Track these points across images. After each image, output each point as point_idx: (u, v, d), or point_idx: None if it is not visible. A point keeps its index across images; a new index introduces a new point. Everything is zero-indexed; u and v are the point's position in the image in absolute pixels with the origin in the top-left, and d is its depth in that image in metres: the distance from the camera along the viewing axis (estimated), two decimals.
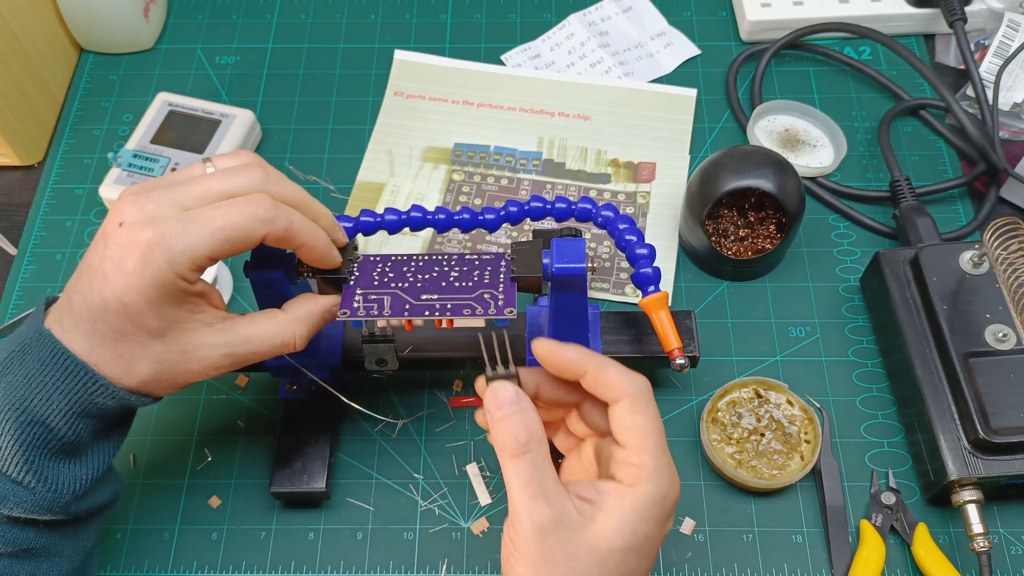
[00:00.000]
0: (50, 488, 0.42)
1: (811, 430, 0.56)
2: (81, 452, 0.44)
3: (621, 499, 0.39)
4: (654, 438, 0.39)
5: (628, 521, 0.38)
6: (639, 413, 0.40)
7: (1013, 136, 0.67)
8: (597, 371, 0.41)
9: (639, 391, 0.40)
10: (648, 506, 0.39)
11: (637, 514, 0.38)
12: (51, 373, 0.41)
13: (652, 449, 0.39)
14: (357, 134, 0.71)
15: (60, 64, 0.73)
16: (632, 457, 0.39)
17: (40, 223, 0.67)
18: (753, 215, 0.61)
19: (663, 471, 0.39)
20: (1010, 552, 0.53)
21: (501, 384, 0.41)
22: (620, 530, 0.38)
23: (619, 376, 0.40)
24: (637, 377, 0.40)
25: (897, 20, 0.73)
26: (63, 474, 0.42)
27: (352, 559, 0.54)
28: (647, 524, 0.39)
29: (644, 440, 0.39)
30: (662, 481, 0.39)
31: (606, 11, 0.77)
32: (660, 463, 0.39)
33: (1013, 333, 0.53)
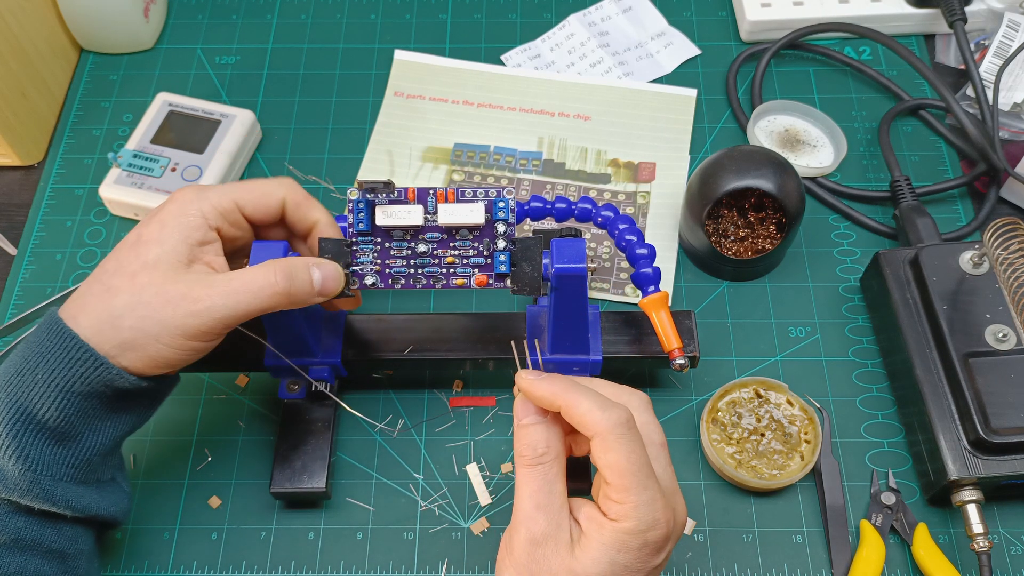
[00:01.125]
0: (31, 466, 0.42)
1: (811, 430, 0.56)
2: (70, 438, 0.44)
3: (600, 530, 0.39)
4: (631, 474, 0.39)
5: (605, 553, 0.39)
6: (611, 451, 0.39)
7: (1013, 136, 0.67)
8: (569, 408, 0.40)
9: (611, 427, 0.39)
10: (627, 539, 0.39)
11: (614, 547, 0.39)
12: (46, 352, 0.42)
13: (629, 486, 0.39)
14: (357, 134, 0.71)
15: (60, 64, 0.73)
16: (611, 492, 0.39)
17: (40, 223, 0.67)
18: (753, 215, 0.61)
19: (643, 507, 0.39)
20: (1010, 552, 0.53)
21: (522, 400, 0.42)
22: (597, 559, 0.39)
23: (591, 412, 0.40)
24: (612, 410, 0.40)
25: (897, 20, 0.73)
26: (46, 454, 0.43)
27: (352, 559, 0.54)
28: (627, 555, 0.39)
29: (619, 478, 0.39)
30: (643, 517, 0.39)
31: (606, 11, 0.77)
32: (640, 499, 0.39)
33: (1013, 333, 0.53)
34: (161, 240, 0.44)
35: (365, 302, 0.62)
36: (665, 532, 0.39)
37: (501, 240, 0.47)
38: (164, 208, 0.46)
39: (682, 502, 0.42)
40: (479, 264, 0.48)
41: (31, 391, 0.42)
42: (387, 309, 0.62)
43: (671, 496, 0.41)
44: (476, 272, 0.48)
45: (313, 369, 0.54)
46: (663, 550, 0.40)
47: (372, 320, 0.56)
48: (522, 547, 0.40)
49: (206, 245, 0.45)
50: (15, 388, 0.42)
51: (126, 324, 0.43)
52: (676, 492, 0.42)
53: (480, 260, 0.48)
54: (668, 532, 0.40)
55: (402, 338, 0.55)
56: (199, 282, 0.43)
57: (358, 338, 0.55)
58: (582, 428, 0.40)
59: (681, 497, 0.42)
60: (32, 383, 0.42)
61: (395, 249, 0.48)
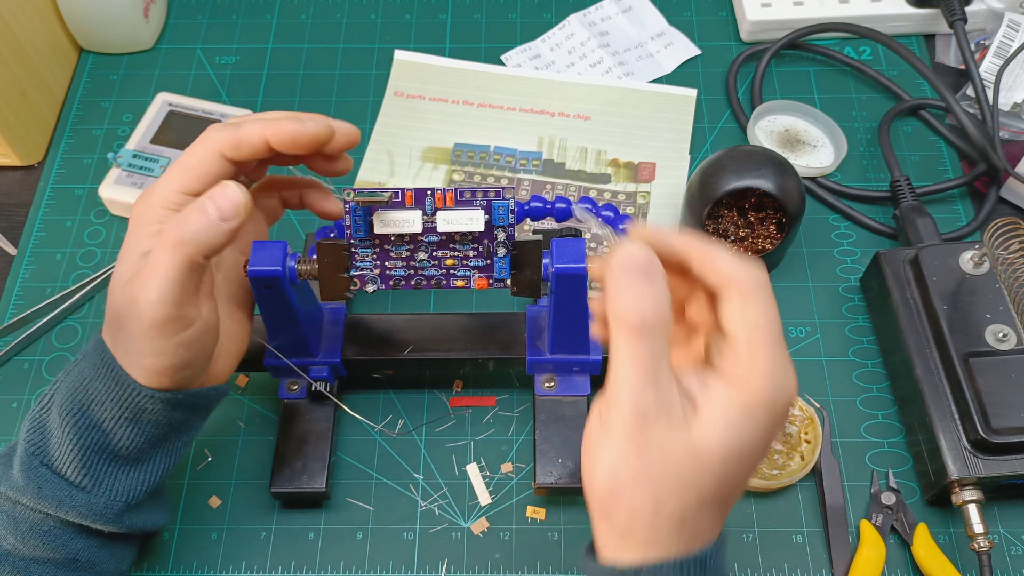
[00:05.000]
0: (105, 493, 0.43)
1: (811, 430, 0.56)
2: (140, 461, 0.44)
3: (728, 400, 0.34)
4: (769, 332, 0.35)
5: (734, 426, 0.34)
6: (752, 305, 0.35)
7: (1013, 136, 0.67)
8: (703, 256, 0.36)
9: (752, 279, 0.35)
10: (755, 408, 0.34)
11: (745, 419, 0.34)
12: (102, 380, 0.42)
13: (766, 345, 0.35)
14: None
15: (60, 64, 0.73)
16: (743, 354, 0.35)
17: (40, 223, 0.67)
18: (753, 215, 0.61)
19: (778, 370, 0.35)
20: (1010, 552, 0.53)
21: (636, 249, 0.35)
22: (724, 436, 0.34)
23: (729, 263, 0.35)
24: (752, 264, 0.36)
25: (897, 20, 0.73)
26: (119, 480, 0.43)
27: (352, 559, 0.54)
28: (754, 431, 0.34)
29: (757, 334, 0.35)
30: (776, 382, 0.34)
31: (606, 11, 0.77)
32: (776, 360, 0.35)
33: (1013, 333, 0.53)
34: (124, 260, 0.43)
35: (365, 302, 0.62)
36: (790, 400, 0.35)
37: (501, 248, 0.47)
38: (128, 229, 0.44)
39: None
40: (479, 266, 0.48)
41: (102, 422, 0.42)
42: (387, 309, 0.62)
43: None
44: (476, 274, 0.48)
45: (313, 369, 0.54)
46: (782, 422, 0.36)
47: (372, 320, 0.56)
48: (626, 424, 0.34)
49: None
50: (85, 418, 0.42)
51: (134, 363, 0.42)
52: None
53: (480, 262, 0.48)
54: (790, 401, 0.36)
55: (402, 338, 0.55)
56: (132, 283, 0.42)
57: (358, 338, 0.55)
58: (716, 278, 0.36)
59: None
60: (101, 415, 0.42)
61: (394, 252, 0.48)
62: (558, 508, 0.55)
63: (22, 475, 0.42)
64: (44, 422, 0.43)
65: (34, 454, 0.42)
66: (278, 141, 0.43)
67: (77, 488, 0.42)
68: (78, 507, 0.42)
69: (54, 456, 0.42)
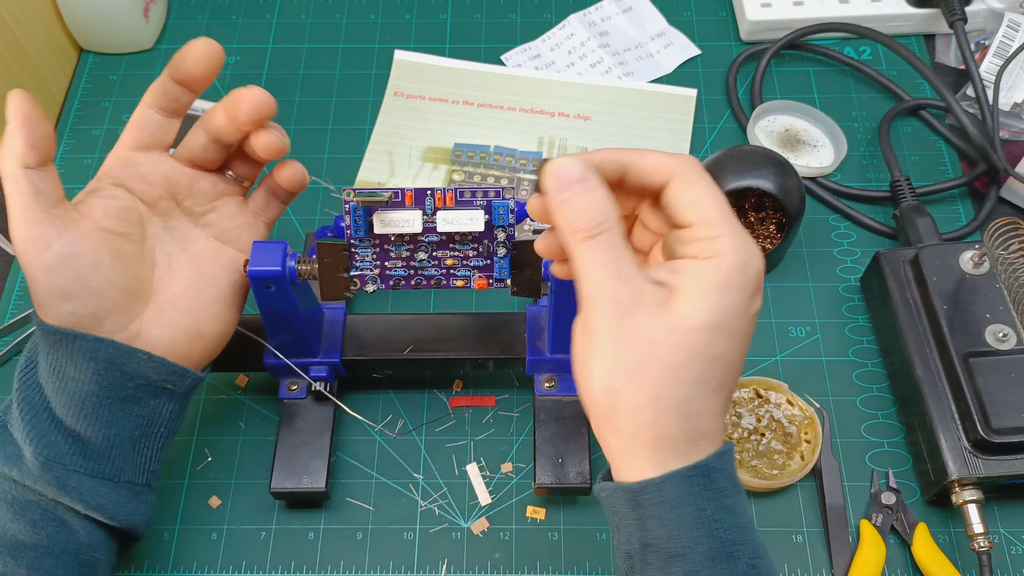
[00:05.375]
0: (42, 452, 0.44)
1: (811, 430, 0.56)
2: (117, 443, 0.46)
3: (698, 272, 0.35)
4: (718, 206, 0.36)
5: (708, 295, 0.35)
6: (695, 186, 0.36)
7: (1013, 136, 0.67)
8: (637, 161, 0.37)
9: (690, 166, 0.36)
10: (728, 276, 0.35)
11: (718, 286, 0.35)
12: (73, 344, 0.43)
13: (719, 216, 0.35)
14: (357, 134, 0.71)
15: (60, 64, 0.73)
16: (700, 231, 0.35)
17: None
18: (753, 215, 0.61)
19: (739, 238, 0.35)
20: (1010, 552, 0.53)
21: (564, 161, 0.36)
22: (701, 307, 0.34)
23: (664, 157, 0.37)
24: (682, 155, 0.37)
25: (897, 20, 0.73)
26: (59, 443, 0.44)
27: (352, 559, 0.54)
28: (730, 297, 0.35)
29: (708, 210, 0.35)
30: (739, 247, 0.35)
31: (606, 11, 0.77)
32: (735, 230, 0.35)
33: (1013, 333, 0.53)
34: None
35: (365, 302, 0.62)
36: (759, 267, 0.36)
37: (501, 248, 0.47)
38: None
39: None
40: (479, 266, 0.48)
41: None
42: (387, 309, 0.62)
43: None
44: (476, 274, 0.48)
45: (313, 369, 0.54)
46: (759, 292, 0.36)
47: (372, 320, 0.56)
48: (608, 322, 0.35)
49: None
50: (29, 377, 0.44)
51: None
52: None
53: (480, 262, 0.48)
54: (760, 269, 0.36)
55: (402, 338, 0.55)
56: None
57: (358, 338, 0.55)
58: (655, 176, 0.37)
59: None
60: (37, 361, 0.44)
61: (394, 252, 0.48)
62: (558, 508, 0.55)
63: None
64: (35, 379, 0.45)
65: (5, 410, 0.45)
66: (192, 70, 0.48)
67: (26, 448, 0.44)
68: (24, 466, 0.43)
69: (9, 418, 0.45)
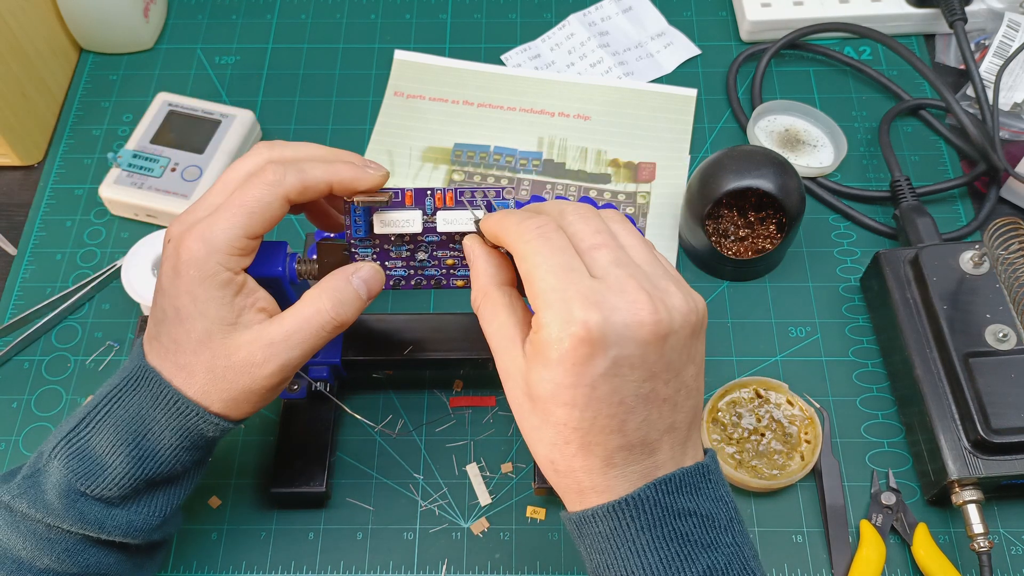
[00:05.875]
0: (143, 512, 0.44)
1: (811, 430, 0.56)
2: (180, 481, 0.45)
3: (529, 345, 0.37)
4: (537, 279, 0.36)
5: (534, 370, 0.36)
6: (521, 260, 0.38)
7: (1013, 136, 0.67)
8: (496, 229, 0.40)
9: (521, 234, 0.38)
10: (543, 351, 0.36)
11: (538, 361, 0.36)
12: (162, 410, 0.43)
13: (540, 288, 0.36)
14: (357, 134, 0.71)
15: (60, 64, 0.73)
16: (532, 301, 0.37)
17: (40, 223, 0.67)
18: (753, 215, 0.61)
19: (554, 308, 0.35)
20: (1010, 552, 0.53)
21: (468, 237, 0.43)
22: (536, 380, 0.36)
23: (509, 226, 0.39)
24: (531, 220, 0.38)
25: (897, 20, 0.73)
26: (159, 499, 0.44)
27: (352, 559, 0.54)
28: (552, 371, 0.36)
29: (531, 285, 0.37)
30: (552, 320, 0.35)
31: (606, 11, 0.77)
32: (550, 300, 0.35)
33: (1013, 333, 0.53)
34: (202, 313, 0.42)
35: None
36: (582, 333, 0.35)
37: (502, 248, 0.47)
38: (182, 272, 0.42)
39: (674, 295, 0.37)
40: None
41: (157, 451, 0.43)
42: (387, 309, 0.62)
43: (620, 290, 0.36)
44: None
45: (313, 369, 0.54)
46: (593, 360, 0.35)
47: (372, 320, 0.56)
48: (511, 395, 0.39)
49: (241, 291, 0.43)
50: (139, 449, 0.43)
51: (215, 398, 0.43)
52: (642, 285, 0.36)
53: None
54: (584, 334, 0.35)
55: (402, 338, 0.55)
56: (256, 342, 0.42)
57: (358, 338, 0.55)
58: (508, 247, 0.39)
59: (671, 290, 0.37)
60: (158, 445, 0.43)
61: (394, 252, 0.48)
62: (558, 508, 0.55)
63: (61, 502, 0.42)
64: (84, 449, 0.43)
65: (76, 482, 0.42)
66: (341, 188, 0.44)
67: (119, 509, 0.43)
68: (119, 527, 0.43)
69: (98, 484, 0.42)
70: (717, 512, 0.38)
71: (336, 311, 0.44)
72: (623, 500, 0.36)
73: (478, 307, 0.41)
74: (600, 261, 0.37)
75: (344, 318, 0.44)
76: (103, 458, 0.42)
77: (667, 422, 0.37)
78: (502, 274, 0.41)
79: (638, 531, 0.36)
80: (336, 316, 0.44)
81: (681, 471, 0.37)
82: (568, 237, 0.38)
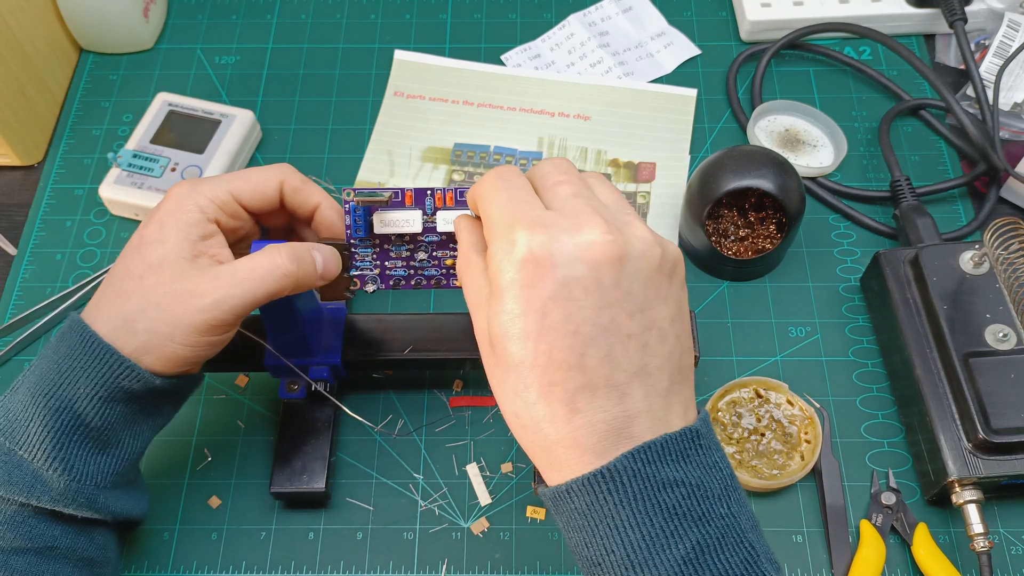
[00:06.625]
0: (76, 476, 0.42)
1: (811, 430, 0.56)
2: (111, 442, 0.44)
3: (486, 288, 0.38)
4: (493, 218, 0.37)
5: (491, 310, 0.36)
6: (478, 202, 0.39)
7: (1013, 136, 0.67)
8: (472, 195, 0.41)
9: (482, 182, 0.39)
10: (493, 284, 0.36)
11: (492, 298, 0.36)
12: (79, 357, 0.42)
13: (489, 225, 0.37)
14: (357, 134, 0.71)
15: (60, 64, 0.73)
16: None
17: (40, 223, 0.67)
18: (753, 215, 0.61)
19: (501, 235, 0.35)
20: (1010, 552, 0.53)
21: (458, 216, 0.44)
22: (493, 319, 0.36)
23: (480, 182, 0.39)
24: (494, 169, 0.39)
25: (897, 20, 0.73)
26: (89, 463, 0.43)
27: (352, 559, 0.54)
28: (501, 301, 0.35)
29: (485, 226, 0.37)
30: (498, 249, 0.35)
31: (606, 11, 0.77)
32: (498, 230, 0.36)
33: (1013, 333, 0.53)
34: (162, 239, 0.44)
35: (365, 302, 0.62)
36: (539, 252, 0.34)
37: None
38: (161, 207, 0.45)
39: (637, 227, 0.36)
40: None
41: (74, 401, 0.42)
42: (387, 309, 0.62)
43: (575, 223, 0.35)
44: None
45: (313, 369, 0.54)
46: (539, 281, 0.34)
47: (372, 320, 0.56)
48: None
49: (208, 239, 0.45)
50: (55, 399, 0.42)
51: (140, 327, 0.43)
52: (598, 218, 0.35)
53: None
54: (544, 250, 0.34)
55: (402, 338, 0.55)
56: (204, 275, 0.43)
57: (358, 338, 0.55)
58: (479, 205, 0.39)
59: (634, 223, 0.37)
60: (74, 393, 0.42)
61: (394, 252, 0.48)
62: None
63: None
64: (7, 406, 0.43)
65: (5, 441, 0.42)
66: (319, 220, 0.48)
67: (46, 471, 0.42)
68: (49, 491, 0.42)
69: (21, 440, 0.42)
70: (709, 481, 0.34)
71: (290, 265, 0.44)
72: (598, 472, 0.33)
73: (461, 272, 0.41)
74: (560, 194, 0.37)
75: (297, 281, 0.44)
76: (23, 412, 0.42)
77: (635, 364, 0.34)
78: (483, 242, 0.41)
79: (616, 505, 0.33)
80: (293, 274, 0.44)
81: (664, 437, 0.34)
82: (534, 181, 0.38)
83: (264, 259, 0.44)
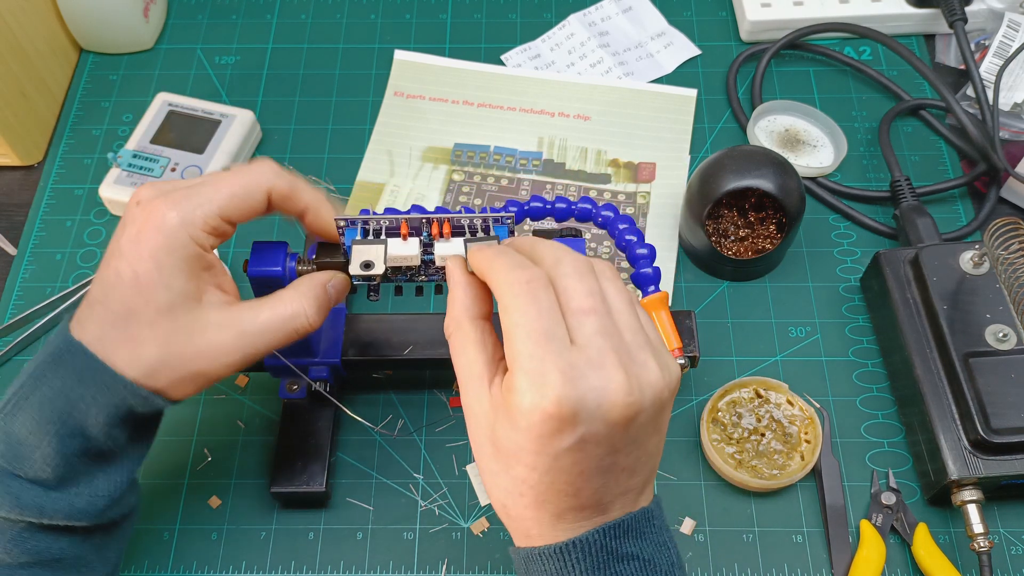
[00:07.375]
0: (85, 493, 0.42)
1: (811, 430, 0.56)
2: (116, 458, 0.44)
3: (499, 397, 0.37)
4: (518, 339, 0.35)
5: (501, 425, 0.36)
6: (504, 312, 0.36)
7: (1013, 136, 0.67)
8: (485, 269, 0.38)
9: (509, 285, 0.36)
10: (512, 415, 0.35)
11: (506, 419, 0.36)
12: (89, 386, 0.41)
13: (517, 351, 0.35)
14: (357, 134, 0.71)
15: (60, 64, 0.73)
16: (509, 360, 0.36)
17: (40, 223, 0.67)
18: (753, 215, 0.61)
19: (529, 376, 0.34)
20: (1010, 552, 0.53)
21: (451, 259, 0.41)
22: (502, 435, 0.36)
23: (500, 272, 0.37)
24: (522, 270, 0.36)
25: (897, 20, 0.73)
26: (100, 480, 0.43)
27: (352, 559, 0.54)
28: (518, 435, 0.35)
29: (511, 344, 0.35)
30: (525, 388, 0.35)
31: (606, 11, 0.77)
32: (526, 366, 0.35)
33: (1013, 333, 0.53)
34: (167, 284, 0.41)
35: (365, 302, 0.62)
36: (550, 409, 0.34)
37: None
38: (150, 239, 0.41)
39: (651, 370, 0.36)
40: None
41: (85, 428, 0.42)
42: (387, 309, 0.62)
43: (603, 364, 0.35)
44: None
45: (313, 369, 0.54)
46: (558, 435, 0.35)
47: (372, 320, 0.56)
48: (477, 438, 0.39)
49: (209, 269, 0.43)
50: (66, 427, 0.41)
51: (162, 375, 0.42)
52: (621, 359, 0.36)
53: None
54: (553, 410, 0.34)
55: (402, 338, 0.55)
56: (228, 326, 0.42)
57: (358, 338, 0.55)
58: (493, 290, 0.38)
59: (649, 364, 0.36)
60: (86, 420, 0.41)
61: None
62: None
63: None
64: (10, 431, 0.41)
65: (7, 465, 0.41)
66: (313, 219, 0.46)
67: (57, 491, 0.42)
68: (60, 511, 0.42)
69: (28, 465, 0.41)
70: (659, 558, 0.38)
71: (318, 317, 0.44)
72: (570, 542, 0.37)
73: (449, 335, 0.40)
74: (585, 328, 0.36)
75: (317, 325, 0.45)
76: (30, 438, 0.41)
77: (623, 487, 0.38)
78: (478, 306, 0.40)
79: (582, 573, 0.37)
80: (315, 323, 0.44)
81: (628, 516, 0.38)
82: (558, 292, 0.37)
83: (289, 311, 0.43)
